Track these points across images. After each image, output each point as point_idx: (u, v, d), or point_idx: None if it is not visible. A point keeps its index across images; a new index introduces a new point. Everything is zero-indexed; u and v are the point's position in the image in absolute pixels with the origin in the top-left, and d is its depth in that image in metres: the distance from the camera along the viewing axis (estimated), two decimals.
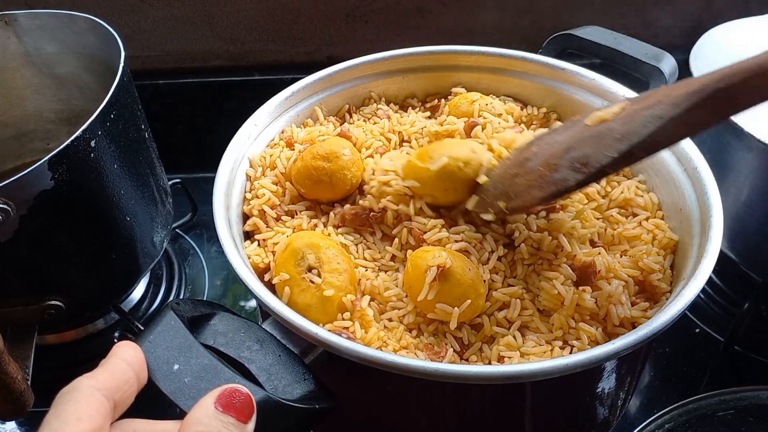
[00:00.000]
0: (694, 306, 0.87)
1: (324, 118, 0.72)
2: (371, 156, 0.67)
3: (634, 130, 0.48)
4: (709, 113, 0.47)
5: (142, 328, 0.84)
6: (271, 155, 0.66)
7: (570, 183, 0.51)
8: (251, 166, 0.66)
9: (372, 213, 0.60)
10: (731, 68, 0.48)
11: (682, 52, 0.78)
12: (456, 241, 0.58)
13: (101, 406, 0.39)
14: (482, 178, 0.58)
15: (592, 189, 0.63)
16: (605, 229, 0.61)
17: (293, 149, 0.67)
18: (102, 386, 0.40)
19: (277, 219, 0.62)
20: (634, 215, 0.62)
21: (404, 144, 0.70)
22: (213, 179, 0.61)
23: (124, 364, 0.43)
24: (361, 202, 0.61)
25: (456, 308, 0.53)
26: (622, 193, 0.62)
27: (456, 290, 0.53)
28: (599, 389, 0.57)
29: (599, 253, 0.57)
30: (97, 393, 0.40)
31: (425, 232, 0.58)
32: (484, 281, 0.56)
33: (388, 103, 0.75)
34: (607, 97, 0.69)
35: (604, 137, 0.50)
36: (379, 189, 0.61)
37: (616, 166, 0.49)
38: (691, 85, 0.48)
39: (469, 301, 0.53)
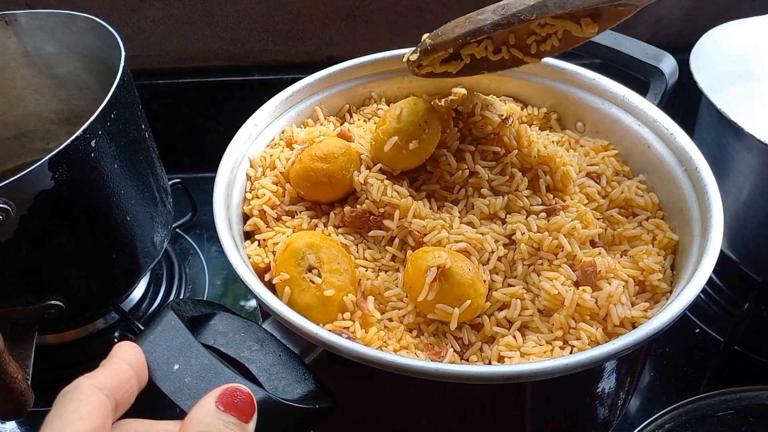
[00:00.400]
0: (694, 306, 0.87)
1: (324, 118, 0.72)
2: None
3: None
4: None
5: (142, 328, 0.84)
6: (271, 155, 0.66)
7: (486, 22, 0.57)
8: (251, 166, 0.66)
9: (372, 216, 0.60)
10: None
11: (682, 52, 0.78)
12: (456, 242, 0.58)
13: (102, 405, 0.39)
14: (413, 56, 0.63)
15: (592, 189, 0.63)
16: (605, 230, 0.61)
17: (293, 149, 0.67)
18: (103, 386, 0.40)
19: (278, 219, 0.62)
20: (635, 215, 0.62)
21: None
22: (213, 179, 0.61)
23: (124, 364, 0.43)
24: (359, 206, 0.61)
25: (456, 308, 0.53)
26: (622, 193, 0.63)
27: (456, 291, 0.53)
28: (599, 389, 0.57)
29: (599, 253, 0.58)
30: (98, 392, 0.40)
31: (425, 234, 0.59)
32: (484, 281, 0.56)
33: (388, 103, 0.75)
34: (607, 97, 0.69)
35: None
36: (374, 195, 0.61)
37: (530, 13, 0.55)
38: None
39: (469, 301, 0.53)
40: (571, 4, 0.55)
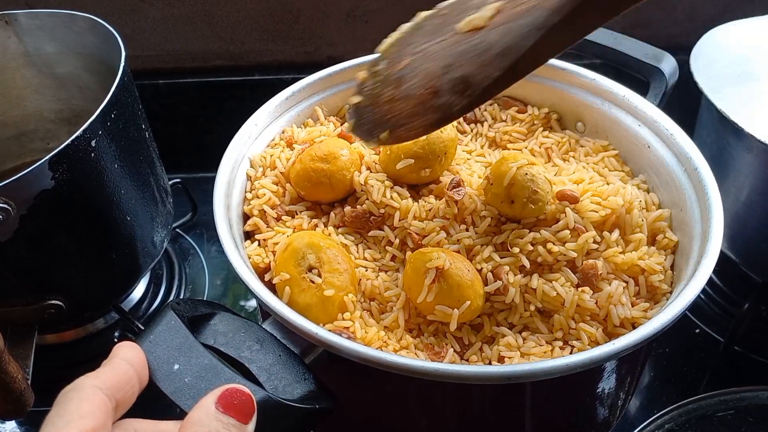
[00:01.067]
0: (694, 306, 0.87)
1: (324, 118, 0.72)
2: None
3: (515, 43, 0.44)
4: (590, 18, 0.43)
5: (142, 327, 0.84)
6: (271, 155, 0.66)
7: (454, 109, 0.47)
8: (252, 166, 0.66)
9: (372, 217, 0.60)
10: None
11: (682, 52, 0.78)
12: (455, 243, 0.58)
13: (103, 404, 0.39)
14: (353, 99, 0.55)
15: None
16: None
17: (294, 149, 0.67)
18: (104, 385, 0.40)
19: (278, 219, 0.62)
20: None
21: None
22: (213, 179, 0.61)
23: (125, 364, 0.43)
24: (359, 206, 0.61)
25: (455, 310, 0.53)
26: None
27: (455, 292, 0.53)
28: (599, 389, 0.57)
29: (599, 252, 0.57)
30: (99, 392, 0.40)
31: (424, 236, 0.58)
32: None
33: None
34: (607, 97, 0.69)
35: (484, 52, 0.46)
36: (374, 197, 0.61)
37: (501, 85, 0.46)
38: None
39: (469, 302, 0.53)
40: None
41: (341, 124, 0.71)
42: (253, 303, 0.93)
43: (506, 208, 0.58)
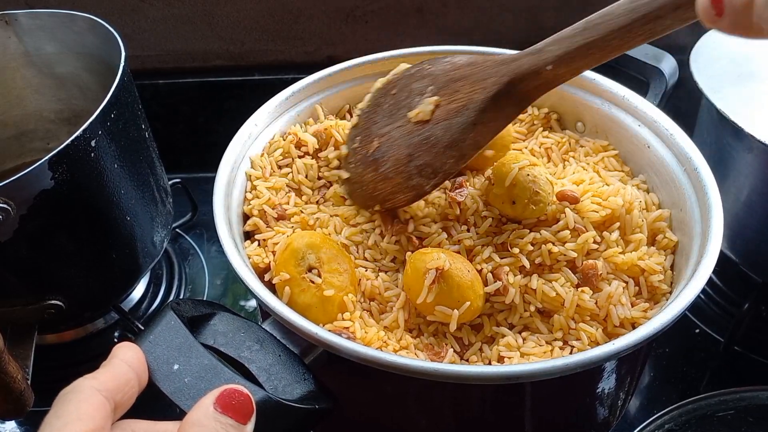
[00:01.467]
0: (694, 306, 0.87)
1: (324, 117, 0.72)
2: None
3: (457, 137, 0.56)
4: (510, 110, 0.56)
5: (142, 327, 0.84)
6: (273, 154, 0.66)
7: (427, 188, 0.57)
8: (252, 167, 0.66)
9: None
10: (513, 64, 0.54)
11: (682, 52, 0.78)
12: (455, 243, 0.58)
13: (102, 406, 0.39)
14: (343, 174, 0.64)
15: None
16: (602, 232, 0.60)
17: (300, 148, 0.67)
18: (103, 387, 0.40)
19: (278, 219, 0.62)
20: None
21: None
22: (213, 179, 0.61)
23: (125, 366, 0.43)
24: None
25: (455, 310, 0.53)
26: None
27: (455, 292, 0.53)
28: (599, 389, 0.57)
29: (599, 252, 0.57)
30: (97, 394, 0.40)
31: (424, 238, 0.58)
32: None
33: None
34: (607, 97, 0.69)
35: (435, 145, 0.57)
36: None
37: (457, 166, 0.56)
38: (486, 89, 0.55)
39: (469, 302, 0.53)
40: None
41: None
42: (253, 303, 0.93)
43: (507, 209, 0.58)
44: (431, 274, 0.53)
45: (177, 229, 1.02)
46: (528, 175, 0.57)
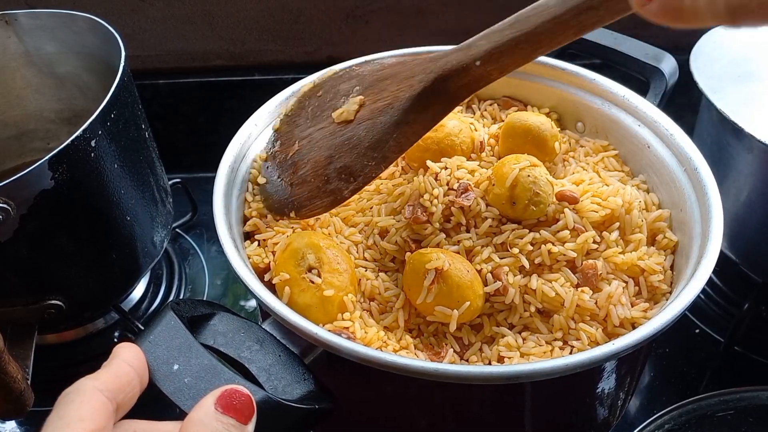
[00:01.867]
0: (694, 306, 0.87)
1: None
2: None
3: (380, 138, 0.54)
4: (436, 110, 0.53)
5: (142, 328, 0.84)
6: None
7: (345, 193, 0.56)
8: (255, 167, 0.66)
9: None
10: (441, 61, 0.52)
11: (682, 52, 0.78)
12: (455, 243, 0.58)
13: (104, 407, 0.39)
14: (260, 179, 0.63)
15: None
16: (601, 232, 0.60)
17: None
18: (105, 387, 0.40)
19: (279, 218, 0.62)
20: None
21: None
22: (213, 179, 0.61)
23: (126, 366, 0.43)
24: None
25: (455, 310, 0.53)
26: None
27: (455, 293, 0.53)
28: (599, 389, 0.57)
29: (599, 252, 0.57)
30: (99, 394, 0.40)
31: (421, 240, 0.59)
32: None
33: None
34: (607, 97, 0.69)
35: (357, 146, 0.55)
36: None
37: (378, 170, 0.55)
38: (413, 86, 0.53)
39: (468, 303, 0.53)
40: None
41: None
42: (253, 303, 0.93)
43: (508, 209, 0.58)
44: (431, 274, 0.53)
45: (177, 229, 1.02)
46: (528, 176, 0.57)
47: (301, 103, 0.64)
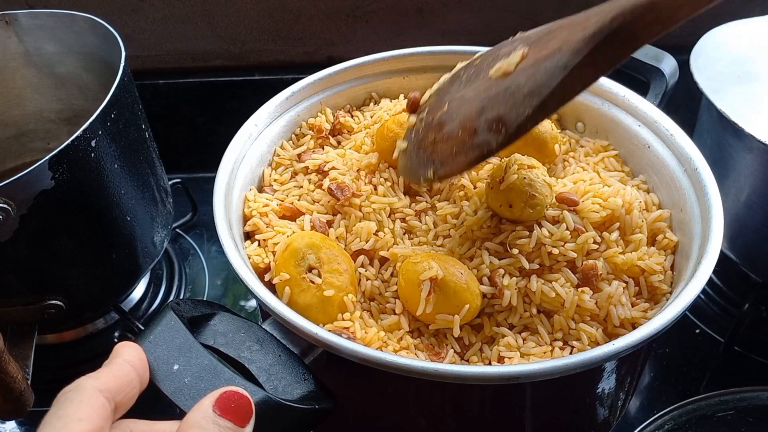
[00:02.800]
0: (694, 307, 0.87)
1: (332, 114, 0.72)
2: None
3: (542, 83, 0.47)
4: (612, 54, 0.46)
5: (142, 327, 0.84)
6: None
7: (492, 146, 0.49)
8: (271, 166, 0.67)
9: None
10: (621, 3, 0.45)
11: (682, 52, 0.78)
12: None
13: (102, 407, 0.39)
14: (401, 144, 0.59)
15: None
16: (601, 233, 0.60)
17: (322, 133, 0.69)
18: (104, 387, 0.40)
19: (281, 217, 0.62)
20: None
21: None
22: (213, 179, 0.61)
23: (127, 366, 0.43)
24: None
25: (456, 316, 0.53)
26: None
27: (453, 299, 0.53)
28: (599, 390, 0.57)
29: (599, 252, 0.57)
30: (99, 394, 0.39)
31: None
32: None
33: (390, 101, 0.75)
34: (607, 97, 0.69)
35: (514, 93, 0.48)
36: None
37: (533, 121, 0.48)
38: (587, 28, 0.46)
39: (468, 305, 0.53)
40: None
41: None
42: (253, 303, 0.93)
43: (505, 211, 0.58)
44: (426, 285, 0.53)
45: (177, 229, 1.02)
46: (525, 178, 0.57)
47: (455, 76, 0.59)
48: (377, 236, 0.59)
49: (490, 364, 0.54)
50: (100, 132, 0.67)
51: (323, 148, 0.69)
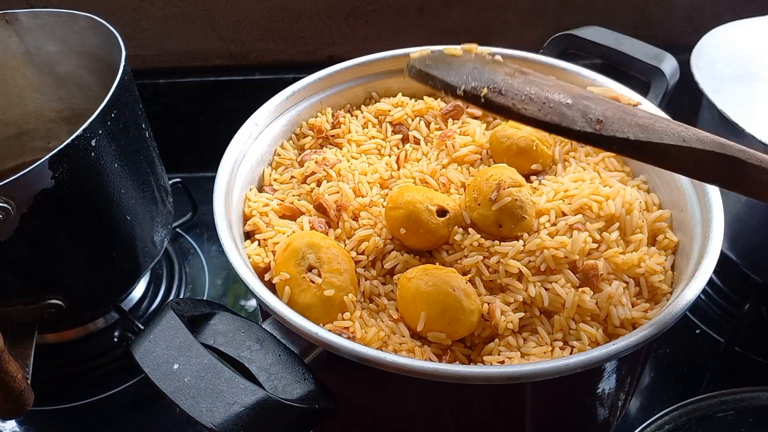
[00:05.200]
0: (695, 307, 0.87)
1: (332, 114, 0.72)
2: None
3: (658, 130, 0.47)
4: (722, 171, 0.48)
5: (142, 327, 0.84)
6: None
7: (576, 127, 0.46)
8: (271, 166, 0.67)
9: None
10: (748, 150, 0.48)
11: (682, 53, 0.78)
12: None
13: None
14: (456, 50, 0.54)
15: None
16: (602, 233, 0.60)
17: (322, 134, 0.69)
18: None
19: (282, 217, 0.62)
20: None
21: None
22: (213, 179, 0.61)
23: None
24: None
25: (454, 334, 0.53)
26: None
27: (448, 315, 0.53)
28: (599, 390, 0.56)
29: (599, 253, 0.57)
30: None
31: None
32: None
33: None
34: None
35: (628, 115, 0.48)
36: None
37: (622, 146, 0.47)
38: (716, 138, 0.48)
39: (466, 324, 0.53)
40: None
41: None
42: (253, 303, 0.93)
43: (493, 230, 0.58)
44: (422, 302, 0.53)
45: (177, 229, 1.02)
46: (517, 200, 0.57)
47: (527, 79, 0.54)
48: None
49: (490, 363, 0.54)
50: (100, 131, 0.67)
51: (323, 148, 0.69)
